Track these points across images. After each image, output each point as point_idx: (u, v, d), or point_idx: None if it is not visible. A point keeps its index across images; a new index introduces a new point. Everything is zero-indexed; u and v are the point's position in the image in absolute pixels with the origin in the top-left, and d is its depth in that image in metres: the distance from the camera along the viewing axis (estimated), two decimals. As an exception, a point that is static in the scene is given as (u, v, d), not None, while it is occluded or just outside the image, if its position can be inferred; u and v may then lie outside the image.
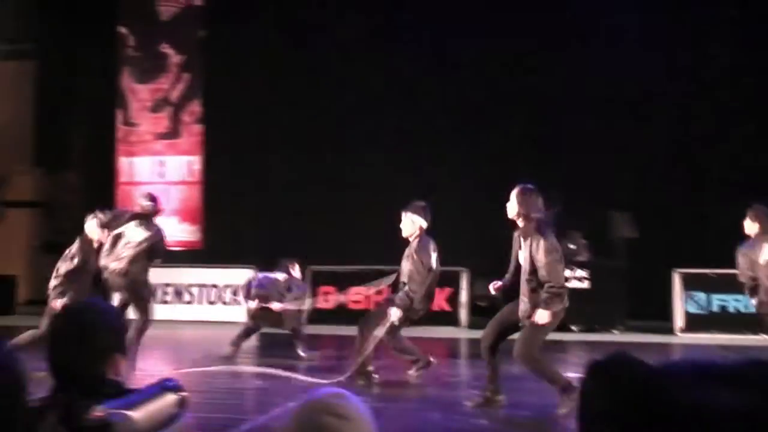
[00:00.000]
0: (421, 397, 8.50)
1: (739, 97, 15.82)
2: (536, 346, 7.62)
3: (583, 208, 15.52)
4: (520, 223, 7.68)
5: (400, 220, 9.16)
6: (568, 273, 14.57)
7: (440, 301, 15.04)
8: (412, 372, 9.29)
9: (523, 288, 7.57)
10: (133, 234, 10.00)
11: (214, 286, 16.20)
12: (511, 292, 7.78)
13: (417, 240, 8.96)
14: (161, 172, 18.46)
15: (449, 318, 15.16)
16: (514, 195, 7.71)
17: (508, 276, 7.87)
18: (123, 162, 18.65)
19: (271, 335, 12.27)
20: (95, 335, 2.63)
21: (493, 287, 7.99)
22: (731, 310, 14.67)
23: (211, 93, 18.16)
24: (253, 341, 12.22)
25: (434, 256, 9.02)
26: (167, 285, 16.26)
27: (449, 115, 16.89)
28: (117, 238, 9.95)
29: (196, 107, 18.54)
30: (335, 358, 11.26)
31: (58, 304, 9.28)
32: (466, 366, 11.60)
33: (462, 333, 14.57)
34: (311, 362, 10.76)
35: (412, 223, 9.01)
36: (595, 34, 16.37)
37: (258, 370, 9.93)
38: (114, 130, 18.67)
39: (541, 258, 7.43)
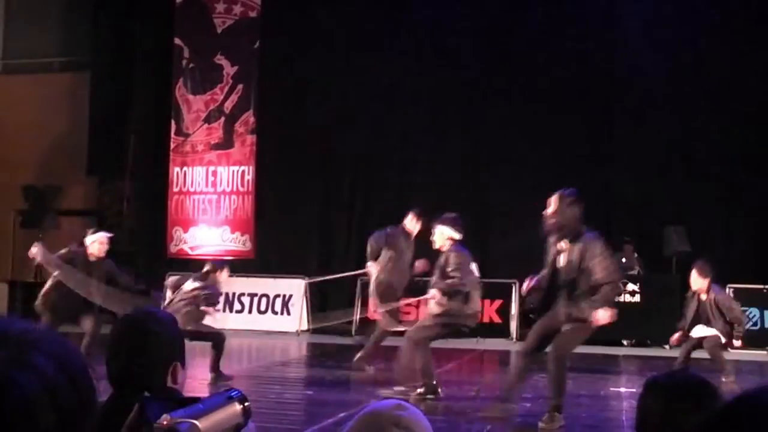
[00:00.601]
0: (472, 409, 8.48)
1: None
2: (573, 348, 7.56)
3: (635, 222, 15.46)
4: (559, 229, 7.51)
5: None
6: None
7: (491, 313, 15.00)
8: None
9: (564, 293, 7.45)
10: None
11: (265, 295, 16.31)
12: (545, 302, 7.65)
13: (450, 252, 8.89)
14: (214, 182, 18.64)
15: (500, 330, 15.10)
16: (554, 200, 7.58)
17: (542, 282, 7.72)
18: (176, 172, 18.86)
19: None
20: (157, 344, 2.68)
21: (524, 288, 7.96)
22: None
23: (264, 104, 18.31)
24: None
25: (473, 265, 8.99)
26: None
27: (505, 127, 16.85)
28: None
29: (249, 118, 18.70)
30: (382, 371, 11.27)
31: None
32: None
33: (512, 345, 14.49)
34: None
35: (441, 235, 8.97)
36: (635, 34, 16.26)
37: None
38: (168, 140, 18.90)
39: (595, 260, 7.29)
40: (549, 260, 7.67)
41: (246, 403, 2.27)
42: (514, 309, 15.26)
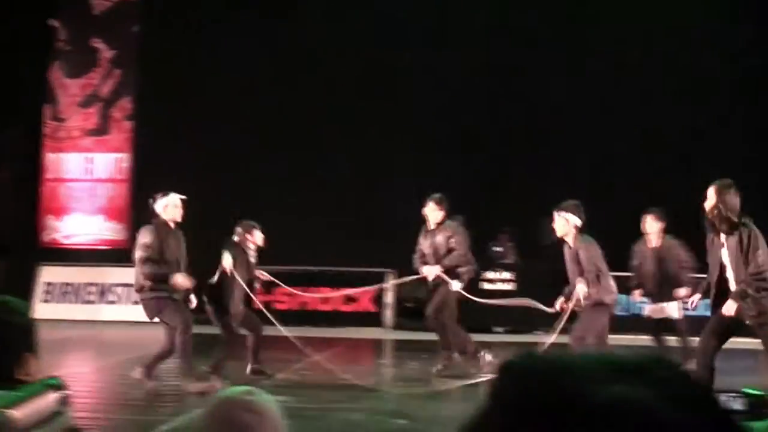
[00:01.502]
0: (344, 398, 8.50)
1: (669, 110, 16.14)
2: None
3: (509, 210, 15.73)
4: (718, 221, 7.23)
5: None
6: (492, 275, 14.76)
7: (365, 302, 15.08)
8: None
9: (737, 287, 7.19)
10: None
11: (140, 285, 15.98)
12: (717, 298, 7.33)
13: (575, 240, 8.82)
14: (89, 168, 18.18)
15: (374, 319, 15.16)
16: (712, 192, 7.24)
17: (711, 283, 7.47)
18: (50, 158, 18.33)
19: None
20: (4, 333, 2.59)
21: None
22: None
23: (142, 90, 17.95)
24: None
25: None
26: (91, 284, 16.03)
27: (383, 121, 16.93)
28: None
29: (126, 104, 18.31)
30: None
31: None
32: (390, 366, 11.63)
33: (387, 334, 14.61)
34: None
35: (566, 222, 8.81)
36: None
37: None
38: (42, 126, 18.35)
39: (759, 251, 7.12)
40: (712, 259, 7.41)
41: (64, 391, 2.21)
42: (390, 298, 15.35)
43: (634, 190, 14.72)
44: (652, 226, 9.96)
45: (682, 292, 10.10)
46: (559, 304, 8.99)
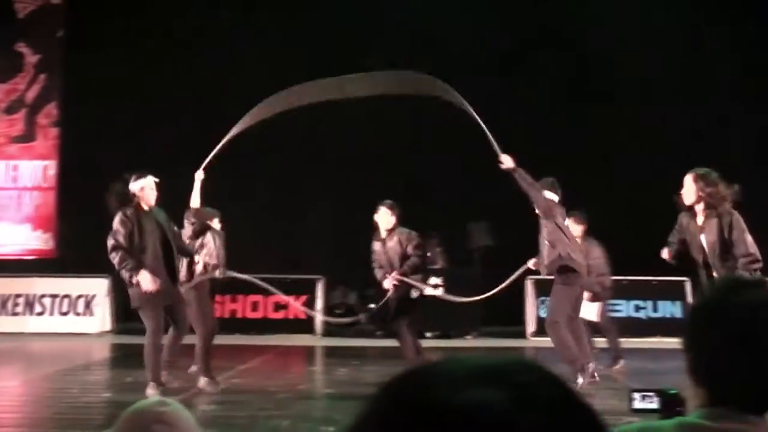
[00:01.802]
0: (272, 405, 8.51)
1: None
2: None
3: (439, 216, 15.87)
4: (700, 206, 7.58)
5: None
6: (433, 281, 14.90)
7: (296, 310, 15.08)
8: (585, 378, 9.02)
9: (718, 270, 7.38)
10: None
11: (67, 296, 15.76)
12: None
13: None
14: (14, 176, 17.87)
15: (304, 326, 15.16)
16: (689, 180, 7.64)
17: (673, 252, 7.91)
18: (-27, 166, 17.97)
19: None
20: None
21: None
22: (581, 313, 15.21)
23: (68, 95, 17.69)
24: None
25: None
26: (18, 296, 15.76)
27: (309, 129, 16.93)
28: None
29: (52, 110, 18.03)
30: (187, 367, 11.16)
31: None
32: (321, 373, 11.66)
33: (317, 341, 14.64)
34: None
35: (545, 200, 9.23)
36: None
37: None
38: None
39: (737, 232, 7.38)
40: (688, 238, 7.72)
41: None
42: (320, 304, 15.36)
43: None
44: (574, 229, 10.15)
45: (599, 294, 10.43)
46: (532, 262, 9.53)
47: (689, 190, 7.61)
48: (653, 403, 2.03)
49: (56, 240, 17.36)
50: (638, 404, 2.05)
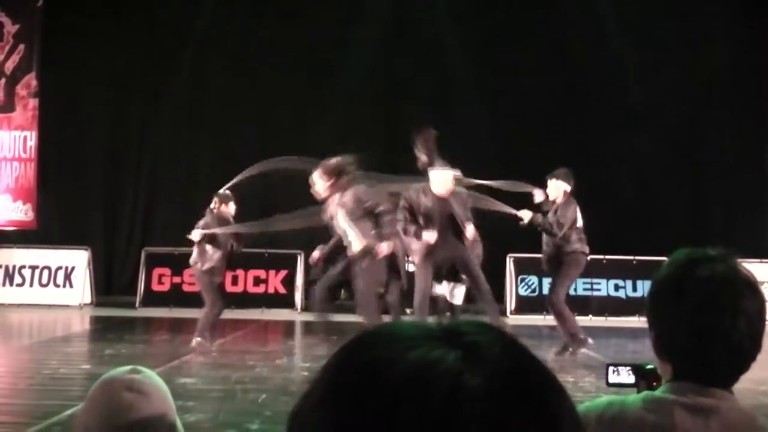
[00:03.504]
0: (251, 379, 8.53)
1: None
2: None
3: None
4: None
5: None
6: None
7: (276, 284, 15.09)
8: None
9: None
10: None
11: (47, 267, 15.71)
12: None
13: (562, 202, 9.87)
14: (-6, 147, 17.72)
15: (285, 300, 15.19)
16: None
17: None
18: (-49, 136, 17.81)
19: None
20: None
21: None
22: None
23: (48, 66, 17.52)
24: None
25: (578, 213, 9.99)
26: (-3, 267, 15.72)
27: (293, 106, 16.90)
28: None
29: (31, 80, 17.83)
30: (168, 340, 11.18)
31: None
32: (300, 348, 11.69)
33: (297, 316, 14.66)
34: None
35: (556, 188, 9.90)
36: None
37: None
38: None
39: None
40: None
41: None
42: (299, 280, 15.38)
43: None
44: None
45: None
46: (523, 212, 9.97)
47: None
48: (629, 378, 2.05)
49: (36, 211, 17.25)
50: (614, 378, 2.07)
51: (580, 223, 10.00)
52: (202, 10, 16.79)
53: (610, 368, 2.07)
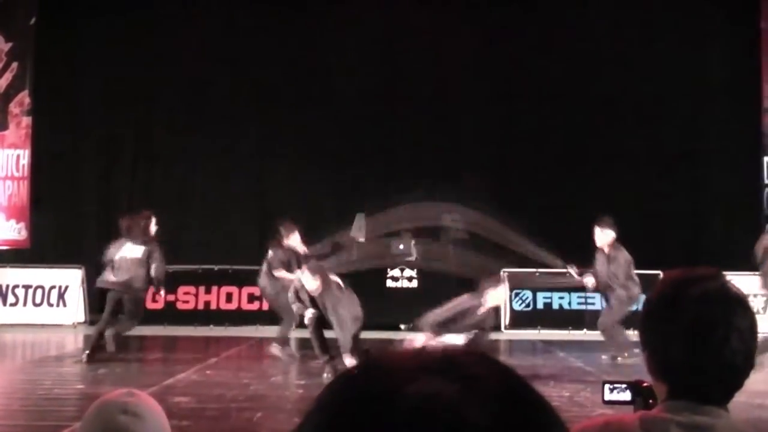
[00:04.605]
0: (245, 397, 8.52)
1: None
2: None
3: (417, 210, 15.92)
4: None
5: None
6: (396, 273, 14.95)
7: (244, 301, 15.08)
8: None
9: None
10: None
11: (40, 287, 15.67)
12: None
13: (611, 252, 10.73)
14: (-14, 166, 17.69)
15: (254, 317, 15.05)
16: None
17: None
18: (-56, 155, 17.78)
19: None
20: None
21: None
22: (555, 307, 15.35)
23: (41, 84, 17.52)
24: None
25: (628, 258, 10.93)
26: (-9, 286, 15.67)
27: (269, 122, 16.93)
28: None
29: (25, 98, 17.82)
30: (162, 359, 11.16)
31: None
32: (295, 365, 11.65)
33: (291, 332, 14.58)
34: None
35: (606, 236, 10.77)
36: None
37: None
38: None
39: None
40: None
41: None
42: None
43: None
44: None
45: None
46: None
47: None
48: (625, 395, 2.04)
49: (29, 230, 17.21)
50: (610, 396, 2.06)
51: (632, 268, 10.73)
52: (198, 27, 16.86)
53: (606, 386, 2.07)
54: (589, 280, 10.93)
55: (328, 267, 10.42)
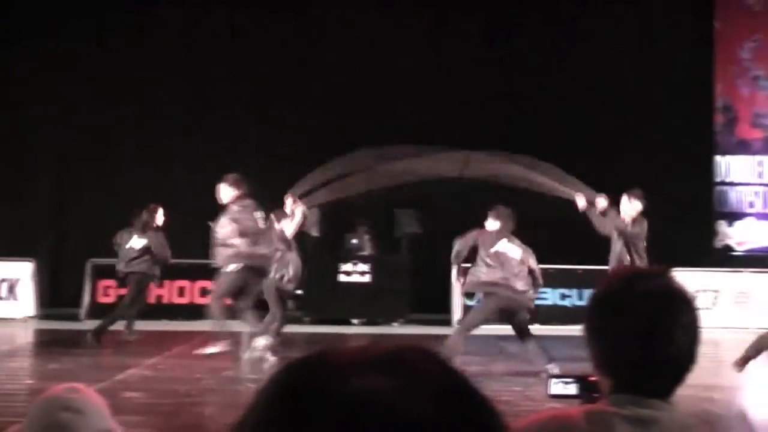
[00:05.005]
0: (198, 392, 8.50)
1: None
2: None
3: (367, 204, 15.94)
4: None
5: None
6: (349, 267, 14.96)
7: (196, 296, 15.02)
8: None
9: None
10: None
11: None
12: None
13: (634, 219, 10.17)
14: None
15: (232, 311, 15.01)
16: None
17: None
18: None
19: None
20: None
21: None
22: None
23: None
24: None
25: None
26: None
27: (240, 113, 16.85)
28: None
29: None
30: (114, 353, 11.07)
31: None
32: (247, 359, 11.62)
33: (245, 326, 14.53)
34: None
35: (634, 208, 10.20)
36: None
37: None
38: None
39: None
40: None
41: None
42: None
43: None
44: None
45: None
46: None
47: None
48: (571, 389, 2.06)
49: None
50: (557, 390, 2.09)
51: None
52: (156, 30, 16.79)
53: (552, 380, 2.09)
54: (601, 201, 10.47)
55: None
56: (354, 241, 14.74)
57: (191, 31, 17.01)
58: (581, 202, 10.38)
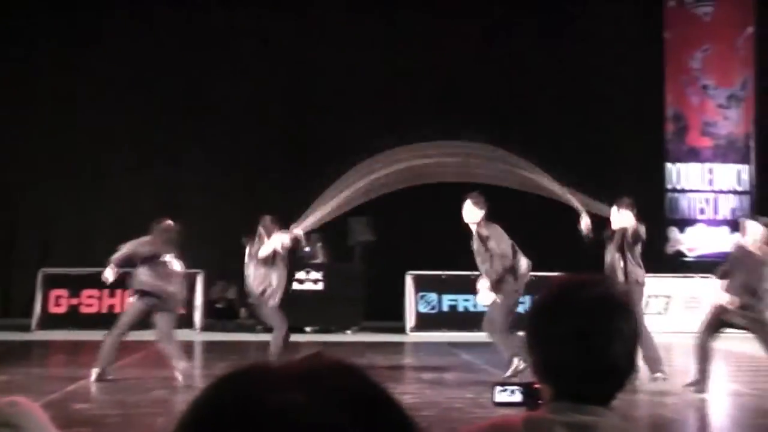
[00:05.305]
0: (148, 402, 8.41)
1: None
2: None
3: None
4: None
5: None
6: (302, 275, 14.92)
7: None
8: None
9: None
10: None
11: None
12: None
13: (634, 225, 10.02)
14: None
15: (183, 320, 14.92)
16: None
17: None
18: None
19: None
20: None
21: None
22: (460, 309, 15.50)
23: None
24: None
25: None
26: None
27: (194, 120, 16.75)
28: None
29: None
30: (65, 364, 10.92)
31: None
32: (199, 368, 11.54)
33: (196, 335, 14.47)
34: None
35: (627, 219, 10.08)
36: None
37: None
38: None
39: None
40: None
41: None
42: (199, 299, 15.22)
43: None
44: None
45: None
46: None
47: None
48: (516, 397, 2.07)
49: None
50: (502, 398, 2.09)
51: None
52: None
53: (497, 387, 2.09)
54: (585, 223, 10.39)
55: None
56: (307, 249, 14.69)
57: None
58: (585, 221, 10.39)
